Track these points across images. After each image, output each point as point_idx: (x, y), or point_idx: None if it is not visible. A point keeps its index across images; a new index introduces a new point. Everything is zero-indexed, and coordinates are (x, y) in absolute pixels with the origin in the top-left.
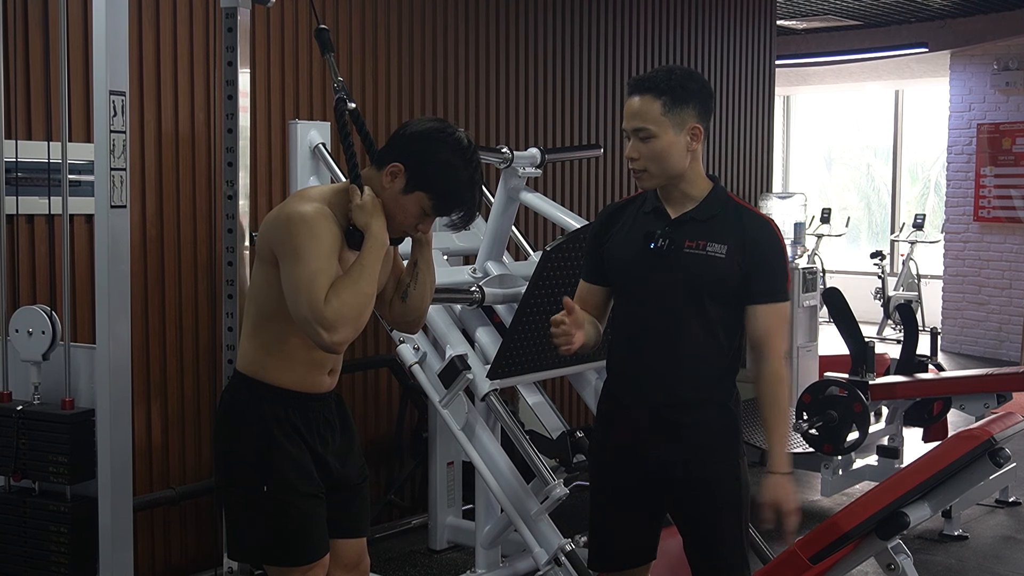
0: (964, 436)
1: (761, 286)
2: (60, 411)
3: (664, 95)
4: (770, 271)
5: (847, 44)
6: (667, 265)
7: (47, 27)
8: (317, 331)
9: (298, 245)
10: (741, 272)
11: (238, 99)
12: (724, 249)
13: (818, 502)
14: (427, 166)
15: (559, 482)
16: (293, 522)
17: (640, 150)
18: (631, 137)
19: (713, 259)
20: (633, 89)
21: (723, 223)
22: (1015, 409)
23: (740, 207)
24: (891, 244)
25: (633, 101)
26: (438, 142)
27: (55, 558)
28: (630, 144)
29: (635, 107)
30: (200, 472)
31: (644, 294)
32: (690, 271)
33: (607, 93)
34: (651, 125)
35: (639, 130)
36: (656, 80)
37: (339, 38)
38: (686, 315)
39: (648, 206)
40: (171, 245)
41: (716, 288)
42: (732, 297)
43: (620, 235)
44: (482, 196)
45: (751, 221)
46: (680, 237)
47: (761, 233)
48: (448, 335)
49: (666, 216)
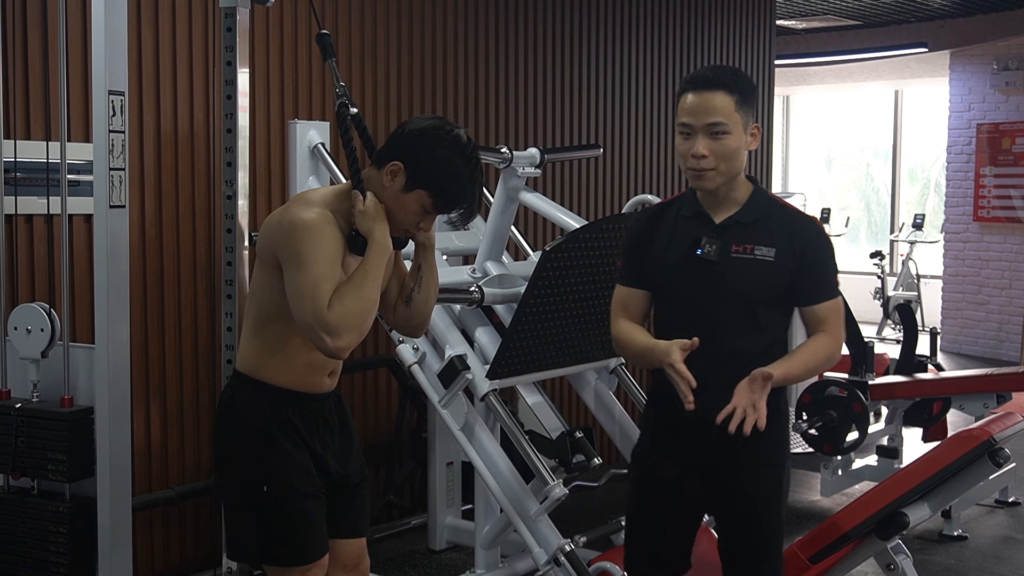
0: (964, 436)
1: (814, 287)
2: (59, 408)
3: (735, 93)
4: (821, 270)
5: (847, 44)
6: (715, 271)
7: (46, 27)
8: (321, 336)
9: (301, 251)
10: (791, 275)
11: (237, 99)
12: (773, 252)
13: (818, 502)
14: (426, 164)
15: (558, 482)
16: (292, 522)
17: (711, 147)
18: (696, 134)
19: (762, 263)
20: (701, 84)
21: (769, 226)
22: (1015, 409)
23: (784, 208)
24: (891, 244)
25: (705, 96)
26: (437, 139)
27: (54, 558)
28: (696, 141)
29: (709, 102)
30: (199, 472)
31: (690, 301)
32: (738, 276)
33: (607, 93)
34: (728, 121)
35: (714, 125)
36: (724, 77)
37: (339, 38)
38: (733, 321)
39: (688, 210)
40: (170, 245)
41: (765, 292)
42: (782, 301)
43: (662, 241)
44: (482, 193)
45: (797, 221)
46: (727, 242)
47: (809, 234)
48: (447, 335)
49: (709, 221)
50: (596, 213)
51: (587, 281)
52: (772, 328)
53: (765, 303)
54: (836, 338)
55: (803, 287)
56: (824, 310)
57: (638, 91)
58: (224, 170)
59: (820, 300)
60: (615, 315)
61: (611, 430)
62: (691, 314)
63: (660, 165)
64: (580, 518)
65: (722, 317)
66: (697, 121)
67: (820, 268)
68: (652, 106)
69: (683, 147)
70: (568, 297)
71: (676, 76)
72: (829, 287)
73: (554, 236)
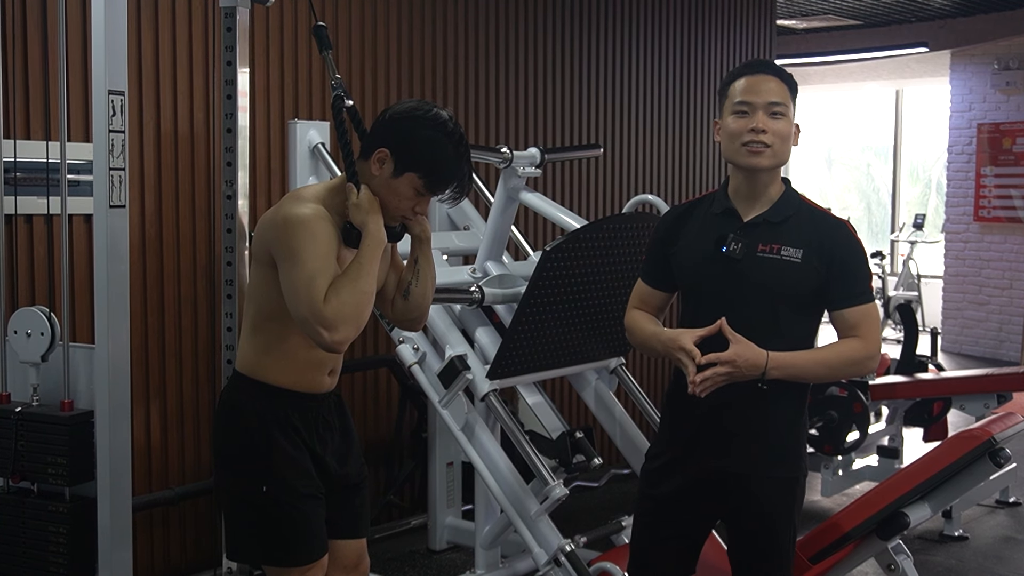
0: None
1: (844, 291)
2: (59, 413)
3: (790, 86)
4: (852, 274)
5: (847, 44)
6: (739, 269)
7: (46, 27)
8: (318, 331)
9: (295, 247)
10: (819, 279)
11: (237, 99)
12: (800, 254)
13: (818, 502)
14: (412, 145)
15: (559, 482)
16: (291, 522)
17: (770, 126)
18: (756, 111)
19: (788, 264)
20: (761, 69)
21: (797, 226)
22: (1015, 409)
23: (813, 209)
24: (891, 244)
25: (767, 79)
26: (419, 120)
27: (54, 559)
28: (757, 118)
29: (772, 85)
30: (199, 472)
31: (714, 299)
32: (763, 276)
33: (607, 93)
34: (786, 104)
35: (775, 104)
36: (779, 68)
37: (338, 37)
38: (756, 321)
39: (718, 207)
40: (170, 245)
41: (789, 293)
42: (806, 304)
43: (689, 238)
44: (471, 169)
45: (826, 224)
46: (753, 240)
47: (839, 236)
48: (448, 335)
49: (738, 218)
50: (596, 213)
51: (587, 281)
52: (796, 330)
53: (789, 304)
54: (868, 343)
55: (832, 291)
56: (855, 315)
57: (638, 91)
58: (224, 170)
59: (849, 304)
60: (631, 305)
61: (611, 430)
62: (714, 311)
63: (660, 165)
64: (580, 518)
65: (745, 316)
66: (758, 99)
67: (850, 272)
68: (652, 106)
69: (738, 125)
70: (568, 297)
71: (676, 76)
72: (860, 292)
73: (554, 236)
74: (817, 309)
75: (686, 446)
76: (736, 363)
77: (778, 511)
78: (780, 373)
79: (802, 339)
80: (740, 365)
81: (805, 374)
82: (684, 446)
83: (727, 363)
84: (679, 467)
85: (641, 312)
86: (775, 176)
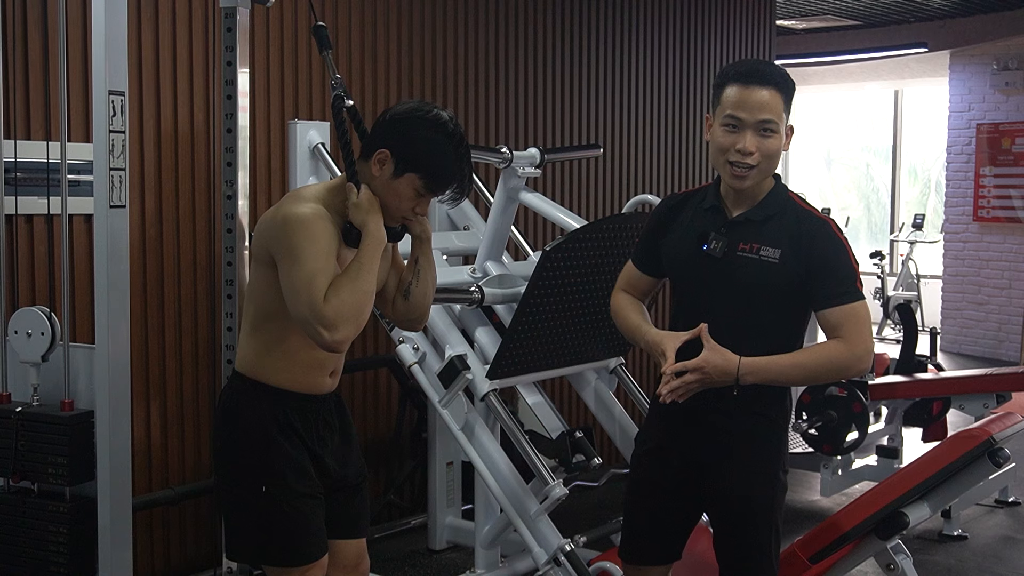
0: (963, 436)
1: (825, 291)
2: (59, 412)
3: (784, 92)
4: (833, 274)
5: (847, 44)
6: (719, 268)
7: (46, 27)
8: (318, 330)
9: (295, 247)
10: (797, 279)
11: (237, 99)
12: (777, 254)
13: (818, 502)
14: (411, 146)
15: (558, 482)
16: (291, 523)
17: (758, 145)
18: (745, 129)
19: (765, 264)
20: (755, 79)
21: (779, 225)
22: (1015, 409)
23: (799, 208)
24: (890, 244)
25: (760, 92)
26: (418, 121)
27: (54, 558)
28: (745, 136)
29: (764, 99)
30: (199, 472)
31: (697, 295)
32: (743, 275)
33: (607, 93)
34: (777, 120)
35: (766, 123)
36: (775, 74)
37: (338, 37)
38: (738, 320)
39: (708, 202)
40: (170, 245)
41: (766, 293)
42: (787, 304)
43: (678, 232)
44: (472, 169)
45: (808, 223)
46: (735, 239)
47: (818, 234)
48: (447, 335)
49: (724, 215)
50: (596, 213)
51: (587, 281)
52: (776, 331)
53: (770, 304)
54: (851, 344)
55: (815, 292)
56: (836, 315)
57: (638, 91)
58: (224, 170)
59: (831, 305)
60: (618, 287)
61: (611, 430)
62: (698, 306)
63: (660, 165)
64: (580, 518)
65: (727, 314)
66: (750, 116)
67: (831, 272)
68: (652, 106)
69: (726, 140)
70: (568, 297)
71: (676, 76)
72: (842, 292)
73: (554, 236)
74: (802, 309)
75: (671, 433)
76: (705, 370)
77: (754, 503)
78: (755, 378)
79: (787, 340)
80: (710, 372)
81: (781, 378)
82: (668, 433)
83: (696, 371)
84: (664, 453)
85: (627, 296)
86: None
